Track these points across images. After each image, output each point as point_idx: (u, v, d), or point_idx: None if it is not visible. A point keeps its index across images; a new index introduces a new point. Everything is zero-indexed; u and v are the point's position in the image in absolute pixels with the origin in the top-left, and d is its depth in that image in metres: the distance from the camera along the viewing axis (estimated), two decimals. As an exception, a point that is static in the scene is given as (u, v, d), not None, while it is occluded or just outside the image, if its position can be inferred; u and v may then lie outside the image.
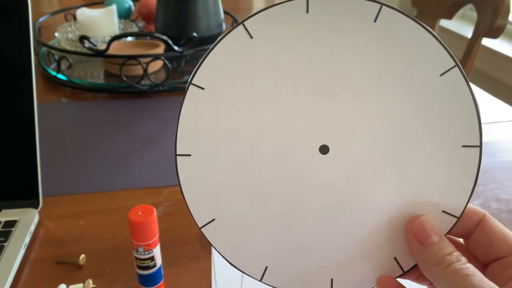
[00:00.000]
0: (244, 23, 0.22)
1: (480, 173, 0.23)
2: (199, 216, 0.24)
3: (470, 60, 0.93)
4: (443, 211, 0.23)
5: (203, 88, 0.23)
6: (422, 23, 0.22)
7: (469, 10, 1.70)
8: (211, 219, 0.24)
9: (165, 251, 0.38)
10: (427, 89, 0.22)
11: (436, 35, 0.22)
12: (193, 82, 0.23)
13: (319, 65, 0.22)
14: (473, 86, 0.91)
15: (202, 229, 0.24)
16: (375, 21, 0.22)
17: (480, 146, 0.22)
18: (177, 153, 0.23)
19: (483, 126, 0.22)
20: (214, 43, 0.22)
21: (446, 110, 0.22)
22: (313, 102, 0.23)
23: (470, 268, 0.20)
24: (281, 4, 0.22)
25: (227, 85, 0.23)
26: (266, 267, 0.24)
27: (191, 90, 0.23)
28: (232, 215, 0.24)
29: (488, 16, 0.84)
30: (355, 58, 0.22)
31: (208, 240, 0.24)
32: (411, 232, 0.23)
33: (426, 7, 1.06)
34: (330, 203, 0.23)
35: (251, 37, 0.22)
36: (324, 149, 0.23)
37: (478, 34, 0.91)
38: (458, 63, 0.22)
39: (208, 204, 0.24)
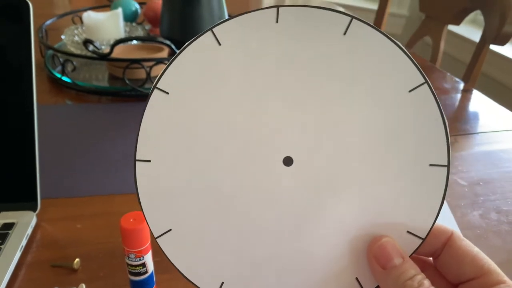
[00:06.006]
0: (213, 29, 0.22)
1: (481, 183, 0.22)
2: (156, 226, 0.23)
3: (477, 66, 0.92)
4: (408, 232, 0.22)
5: (168, 93, 0.22)
6: (393, 38, 0.21)
7: (480, 15, 1.68)
8: (168, 229, 0.23)
9: (159, 257, 0.38)
10: (395, 104, 0.22)
11: (406, 51, 0.21)
12: (157, 86, 0.22)
13: (286, 76, 0.22)
14: (479, 93, 0.89)
15: (157, 240, 0.23)
16: (344, 34, 0.21)
17: (448, 166, 0.22)
18: (137, 158, 0.23)
19: (485, 134, 0.22)
20: (181, 48, 0.22)
21: (414, 127, 0.22)
22: (278, 112, 0.22)
23: None
24: (251, 13, 0.21)
25: (192, 91, 0.22)
26: (222, 283, 0.23)
27: (155, 94, 0.22)
28: (190, 226, 0.23)
29: (496, 23, 0.83)
30: (323, 71, 0.22)
31: (163, 252, 0.23)
32: (372, 254, 0.22)
33: (434, 12, 1.05)
34: (291, 219, 0.23)
35: (219, 44, 0.22)
36: (288, 161, 0.22)
37: (485, 40, 0.90)
38: (428, 80, 0.22)
39: (166, 213, 0.23)
